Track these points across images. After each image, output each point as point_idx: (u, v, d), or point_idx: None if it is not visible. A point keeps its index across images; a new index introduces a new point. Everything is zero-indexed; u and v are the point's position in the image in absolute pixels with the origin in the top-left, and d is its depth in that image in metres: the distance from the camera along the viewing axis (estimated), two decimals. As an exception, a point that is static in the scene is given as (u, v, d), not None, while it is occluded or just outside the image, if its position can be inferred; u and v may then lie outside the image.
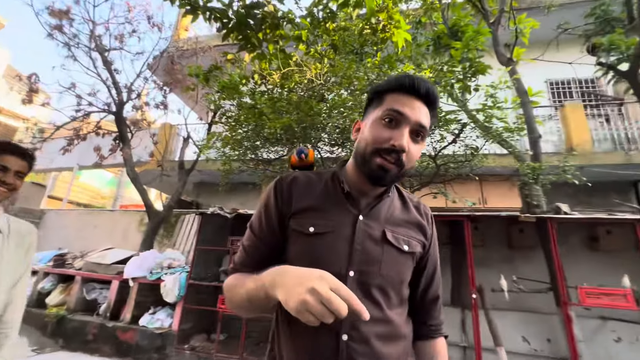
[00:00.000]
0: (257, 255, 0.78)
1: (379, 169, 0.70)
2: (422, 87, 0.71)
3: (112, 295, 4.71)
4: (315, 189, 0.79)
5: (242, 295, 0.68)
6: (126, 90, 6.16)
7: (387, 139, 0.69)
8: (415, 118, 0.70)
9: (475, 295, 3.32)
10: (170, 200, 5.82)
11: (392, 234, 0.76)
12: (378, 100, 0.75)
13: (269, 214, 0.78)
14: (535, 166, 3.28)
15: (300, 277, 0.54)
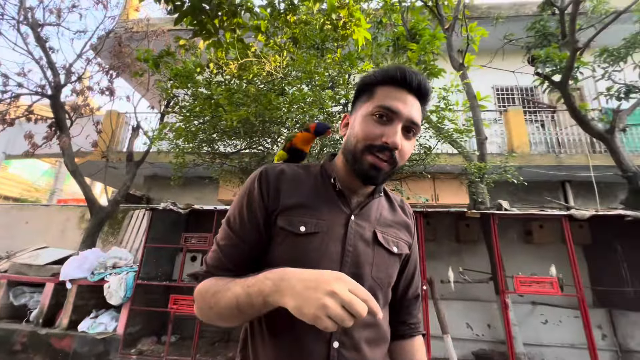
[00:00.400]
0: (236, 256, 0.68)
1: (371, 168, 0.67)
2: (414, 80, 0.67)
3: (45, 299, 4.24)
4: (305, 184, 0.73)
5: (228, 304, 0.59)
6: (64, 71, 5.53)
7: (379, 135, 0.66)
8: (408, 114, 0.66)
9: (425, 287, 3.51)
10: (117, 195, 5.37)
11: (382, 235, 0.73)
12: (368, 93, 0.70)
13: (253, 209, 0.69)
14: (481, 166, 3.53)
15: (313, 280, 0.50)
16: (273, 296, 0.53)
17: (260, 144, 3.62)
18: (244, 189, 0.73)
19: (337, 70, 3.40)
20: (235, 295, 0.58)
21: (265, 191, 0.70)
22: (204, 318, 0.65)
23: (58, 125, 5.37)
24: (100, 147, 6.13)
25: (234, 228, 0.70)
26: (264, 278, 0.55)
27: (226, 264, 0.68)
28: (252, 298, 0.55)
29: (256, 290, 0.55)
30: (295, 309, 0.49)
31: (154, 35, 6.30)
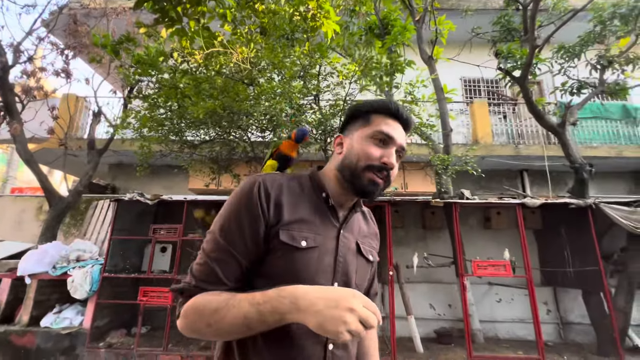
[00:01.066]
0: (231, 269, 0.67)
1: (370, 184, 0.74)
2: (404, 114, 0.79)
3: (2, 296, 4.04)
4: (303, 199, 0.76)
5: (234, 322, 0.59)
6: (11, 50, 5.06)
7: (379, 156, 0.74)
8: (400, 141, 0.77)
9: (392, 272, 3.71)
10: (79, 185, 5.10)
11: (362, 245, 0.82)
12: (364, 119, 0.79)
13: (255, 223, 0.68)
14: (444, 158, 3.71)
15: (333, 299, 0.55)
16: (292, 314, 0.56)
17: (229, 133, 3.57)
18: (239, 199, 0.71)
19: (309, 61, 3.39)
20: (243, 313, 0.58)
21: (266, 204, 0.70)
22: (194, 333, 0.64)
23: (7, 110, 4.95)
24: (58, 134, 5.74)
25: (229, 240, 0.67)
26: (277, 296, 0.57)
27: (220, 278, 0.66)
28: (266, 316, 0.57)
29: (269, 308, 0.57)
30: (317, 326, 0.54)
31: (114, 14, 5.87)
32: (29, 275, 3.98)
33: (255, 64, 3.06)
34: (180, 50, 2.62)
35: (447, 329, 4.32)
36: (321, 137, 3.45)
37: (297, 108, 3.32)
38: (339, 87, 3.63)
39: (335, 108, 3.43)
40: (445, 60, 4.99)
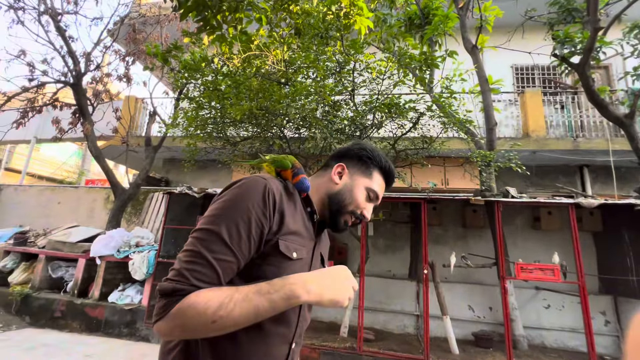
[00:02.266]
0: (229, 272, 0.65)
1: (344, 224, 0.87)
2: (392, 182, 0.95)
3: (78, 273, 4.71)
4: (297, 212, 0.80)
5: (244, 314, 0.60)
6: (84, 59, 5.76)
7: (363, 208, 0.87)
8: (380, 198, 0.91)
9: (426, 270, 3.64)
10: (138, 178, 5.70)
11: (324, 257, 0.94)
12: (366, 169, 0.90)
13: (262, 228, 0.68)
14: (485, 154, 3.51)
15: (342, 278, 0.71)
16: (306, 297, 0.63)
17: (267, 131, 3.74)
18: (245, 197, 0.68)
19: (343, 58, 3.41)
20: (253, 305, 0.60)
21: (272, 211, 0.70)
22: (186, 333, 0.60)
23: (81, 112, 5.67)
24: (121, 132, 6.44)
25: (236, 243, 0.65)
26: (287, 284, 0.63)
27: (220, 279, 0.63)
28: (278, 303, 0.61)
29: (283, 295, 0.61)
30: (329, 301, 0.66)
31: (166, 20, 6.37)
32: (99, 256, 4.59)
33: (290, 64, 3.17)
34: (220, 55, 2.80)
35: (486, 332, 4.13)
36: (354, 133, 3.46)
37: (331, 105, 3.37)
38: (375, 83, 3.61)
39: (369, 104, 3.42)
40: (492, 48, 4.67)
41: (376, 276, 4.80)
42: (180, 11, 2.47)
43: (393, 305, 4.60)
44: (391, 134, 3.61)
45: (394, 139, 3.51)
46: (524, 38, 5.69)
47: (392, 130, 3.50)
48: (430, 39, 4.63)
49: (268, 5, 2.57)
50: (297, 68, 3.24)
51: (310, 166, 4.21)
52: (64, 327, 4.35)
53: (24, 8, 5.39)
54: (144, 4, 7.15)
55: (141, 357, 3.61)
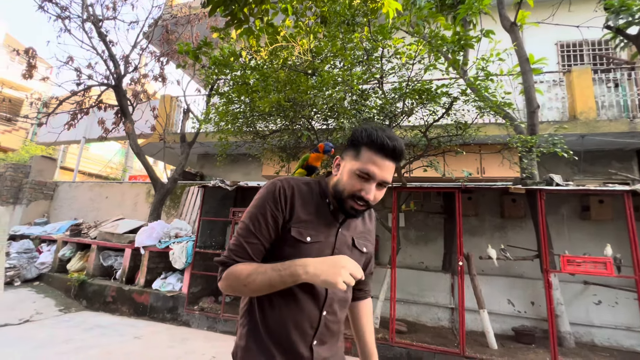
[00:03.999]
0: (256, 250, 0.91)
1: (351, 210, 0.91)
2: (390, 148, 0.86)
3: (126, 262, 5.09)
4: (311, 202, 0.95)
5: (263, 282, 0.82)
6: (123, 62, 6.11)
7: (360, 189, 0.88)
8: (382, 177, 0.87)
9: (462, 262, 3.50)
10: (175, 173, 6.00)
11: (357, 240, 1.01)
12: (355, 150, 0.90)
13: (274, 216, 0.91)
14: (526, 139, 3.27)
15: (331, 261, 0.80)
16: (303, 276, 0.78)
17: (295, 123, 3.75)
18: (265, 198, 0.92)
19: (371, 45, 3.31)
20: (268, 277, 0.82)
21: (283, 204, 0.91)
22: (230, 291, 0.89)
23: (122, 112, 6.05)
24: (158, 130, 6.80)
25: (255, 228, 0.90)
26: (292, 265, 0.80)
27: (250, 255, 0.90)
28: (285, 278, 0.80)
29: (288, 273, 0.80)
30: (322, 282, 0.77)
31: (196, 19, 6.56)
32: (142, 247, 4.91)
33: (316, 54, 3.14)
34: (248, 49, 2.84)
35: (528, 328, 3.92)
36: (383, 122, 3.38)
37: (359, 94, 3.31)
38: (404, 69, 3.47)
39: (399, 91, 3.30)
40: (534, 25, 4.31)
41: (408, 268, 4.71)
42: (209, 7, 2.53)
43: (426, 297, 4.50)
44: (422, 122, 3.47)
45: (425, 126, 3.37)
46: (571, 11, 5.20)
47: (423, 117, 3.37)
48: (464, 18, 4.36)
49: (293, -6, 2.55)
50: (324, 58, 3.21)
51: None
52: (115, 310, 4.74)
53: (70, 17, 5.80)
54: (175, 5, 7.41)
55: (183, 340, 3.84)
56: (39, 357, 3.12)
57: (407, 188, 3.78)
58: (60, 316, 4.44)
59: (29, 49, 5.69)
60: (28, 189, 7.15)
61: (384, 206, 4.52)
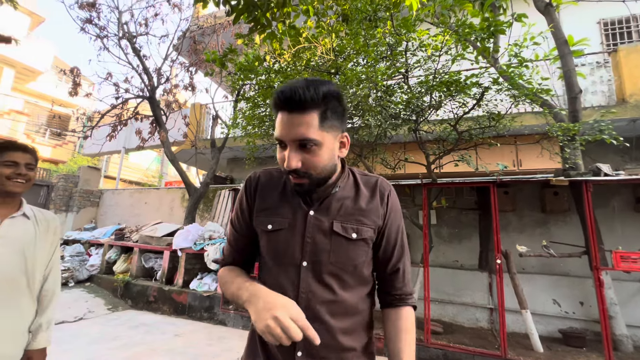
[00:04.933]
0: (240, 247, 0.91)
1: (295, 186, 0.79)
2: (283, 99, 0.71)
3: (165, 263, 5.36)
4: (274, 189, 0.88)
5: (230, 293, 0.82)
6: (156, 74, 6.46)
7: (282, 162, 0.76)
8: (292, 136, 0.72)
9: (500, 260, 3.33)
10: (206, 177, 6.25)
11: (341, 224, 0.81)
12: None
13: (243, 210, 0.90)
14: (568, 127, 3.04)
15: (268, 303, 0.67)
16: (247, 305, 0.72)
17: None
18: (240, 192, 0.92)
19: (395, 39, 3.25)
20: (231, 292, 0.81)
21: (249, 195, 0.89)
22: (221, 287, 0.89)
23: (157, 122, 6.39)
24: (190, 137, 7.10)
25: (235, 227, 0.91)
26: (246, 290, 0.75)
27: (234, 254, 0.92)
28: (239, 298, 0.77)
29: (240, 294, 0.76)
30: (253, 320, 0.67)
31: (221, 28, 6.79)
32: (179, 249, 5.16)
33: (339, 53, 3.12)
34: (271, 53, 2.88)
35: (577, 330, 3.64)
36: (410, 117, 3.29)
37: (384, 90, 3.25)
38: (430, 61, 3.37)
39: (425, 85, 3.21)
40: (572, 3, 4.01)
41: (441, 266, 4.55)
42: (233, 15, 2.60)
43: (462, 297, 4.33)
44: (452, 114, 3.34)
45: (455, 119, 3.24)
46: (615, -15, 4.77)
47: (452, 109, 3.24)
48: (493, 4, 4.14)
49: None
50: (347, 56, 3.18)
51: (365, 155, 4.13)
52: (156, 309, 5.01)
53: (108, 36, 6.23)
54: (201, 16, 7.71)
55: (220, 338, 3.98)
56: (92, 352, 3.37)
57: (438, 184, 3.66)
58: (109, 314, 4.76)
59: (73, 69, 6.18)
60: (77, 197, 7.76)
61: (414, 203, 4.41)
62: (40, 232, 1.43)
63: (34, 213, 1.46)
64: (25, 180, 1.38)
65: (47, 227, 1.47)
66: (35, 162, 1.44)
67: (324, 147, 0.75)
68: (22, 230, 1.38)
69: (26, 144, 1.44)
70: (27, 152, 1.40)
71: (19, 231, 1.37)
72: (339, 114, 0.77)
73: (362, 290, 0.85)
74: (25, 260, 1.35)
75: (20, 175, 1.35)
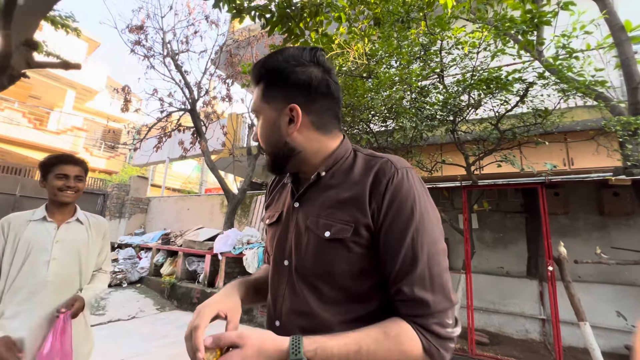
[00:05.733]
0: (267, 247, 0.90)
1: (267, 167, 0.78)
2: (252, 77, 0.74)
3: (206, 267, 5.63)
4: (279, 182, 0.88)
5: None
6: (196, 88, 6.87)
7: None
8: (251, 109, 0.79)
9: (551, 267, 3.08)
10: (243, 184, 6.49)
11: (316, 219, 0.67)
12: None
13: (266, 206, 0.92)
14: (628, 120, 2.76)
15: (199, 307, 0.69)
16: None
17: (353, 127, 3.77)
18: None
19: (428, 39, 3.18)
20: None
21: (267, 195, 0.90)
22: None
23: (197, 132, 6.78)
24: (227, 145, 7.44)
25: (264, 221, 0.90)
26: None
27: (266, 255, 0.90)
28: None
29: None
30: None
31: (255, 41, 7.08)
32: (220, 253, 5.39)
33: (371, 56, 3.12)
34: (305, 61, 2.95)
35: (648, 347, 3.25)
36: (447, 117, 3.19)
37: (418, 92, 3.19)
38: (467, 59, 3.25)
39: (462, 83, 3.09)
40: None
41: (485, 273, 4.31)
42: (268, 27, 2.71)
43: (510, 306, 4.06)
44: (492, 113, 3.19)
45: (497, 117, 3.08)
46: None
47: (492, 108, 3.09)
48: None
49: (345, 1, 2.59)
50: (379, 59, 3.17)
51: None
52: (200, 311, 5.26)
53: (154, 55, 6.76)
54: (237, 30, 8.09)
55: (259, 340, 4.08)
56: (144, 349, 3.62)
57: (479, 186, 3.49)
58: (157, 314, 5.08)
59: (125, 87, 6.76)
60: (129, 205, 8.42)
61: (453, 207, 4.24)
62: (92, 236, 1.60)
63: (87, 218, 1.63)
64: (74, 191, 1.54)
65: (98, 231, 1.64)
66: (84, 173, 1.60)
67: (263, 118, 0.72)
68: (77, 234, 1.55)
69: (76, 157, 1.60)
70: (77, 164, 1.56)
71: (74, 235, 1.54)
72: (280, 85, 0.70)
73: (350, 312, 0.63)
74: (80, 262, 1.52)
75: (70, 187, 1.51)
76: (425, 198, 0.65)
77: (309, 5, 2.51)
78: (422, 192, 0.65)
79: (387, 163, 0.66)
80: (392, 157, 0.69)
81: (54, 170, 1.50)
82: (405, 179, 0.64)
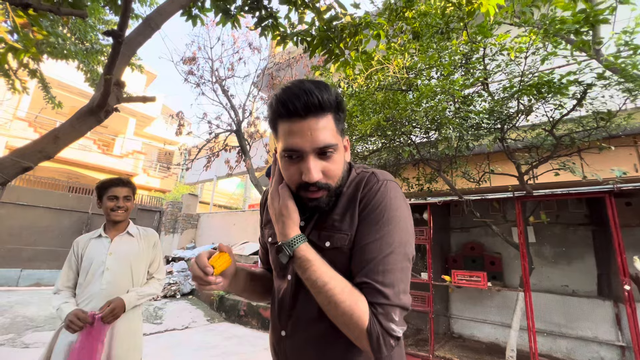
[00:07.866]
0: (263, 258, 0.99)
1: (309, 201, 0.70)
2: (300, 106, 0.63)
3: (252, 280, 5.81)
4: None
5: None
6: (241, 110, 7.34)
7: (299, 175, 0.68)
8: (311, 145, 0.64)
9: (628, 286, 2.74)
10: (286, 199, 6.69)
11: (318, 232, 0.72)
12: (274, 130, 0.71)
13: (261, 223, 0.94)
14: None
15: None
16: None
17: (394, 140, 3.76)
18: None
19: (470, 48, 3.13)
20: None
21: (261, 210, 0.95)
22: None
23: (242, 151, 7.18)
24: (269, 163, 7.76)
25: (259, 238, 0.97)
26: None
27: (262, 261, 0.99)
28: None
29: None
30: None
31: (294, 62, 7.43)
32: (265, 266, 5.55)
33: (411, 69, 3.14)
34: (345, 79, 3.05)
35: None
36: (494, 125, 3.06)
37: (461, 101, 3.12)
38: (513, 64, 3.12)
39: (509, 90, 2.97)
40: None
41: (546, 292, 3.94)
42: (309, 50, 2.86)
43: (579, 329, 3.65)
44: (545, 119, 3.00)
45: (551, 123, 2.89)
46: None
47: (545, 113, 2.91)
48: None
49: (383, 18, 2.67)
50: (418, 71, 3.18)
51: (444, 169, 3.94)
52: (246, 323, 5.42)
53: (204, 82, 7.39)
54: (277, 53, 8.57)
55: (305, 355, 4.09)
56: (196, 358, 3.81)
57: (534, 197, 3.26)
58: (208, 325, 5.33)
59: (178, 113, 7.43)
60: (181, 221, 9.05)
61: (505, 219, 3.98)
62: (142, 246, 1.79)
63: (137, 231, 1.83)
64: (124, 210, 1.74)
65: (148, 241, 1.83)
66: (132, 193, 1.80)
67: (340, 152, 0.70)
68: (128, 246, 1.75)
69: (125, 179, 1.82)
70: (125, 185, 1.78)
71: (125, 247, 1.74)
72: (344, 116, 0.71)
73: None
74: (131, 270, 1.71)
75: (120, 207, 1.72)
76: (397, 205, 0.69)
77: (348, 26, 2.62)
78: (395, 200, 0.69)
79: (371, 175, 0.73)
80: (377, 170, 0.75)
81: (106, 193, 1.73)
82: (383, 188, 0.70)
